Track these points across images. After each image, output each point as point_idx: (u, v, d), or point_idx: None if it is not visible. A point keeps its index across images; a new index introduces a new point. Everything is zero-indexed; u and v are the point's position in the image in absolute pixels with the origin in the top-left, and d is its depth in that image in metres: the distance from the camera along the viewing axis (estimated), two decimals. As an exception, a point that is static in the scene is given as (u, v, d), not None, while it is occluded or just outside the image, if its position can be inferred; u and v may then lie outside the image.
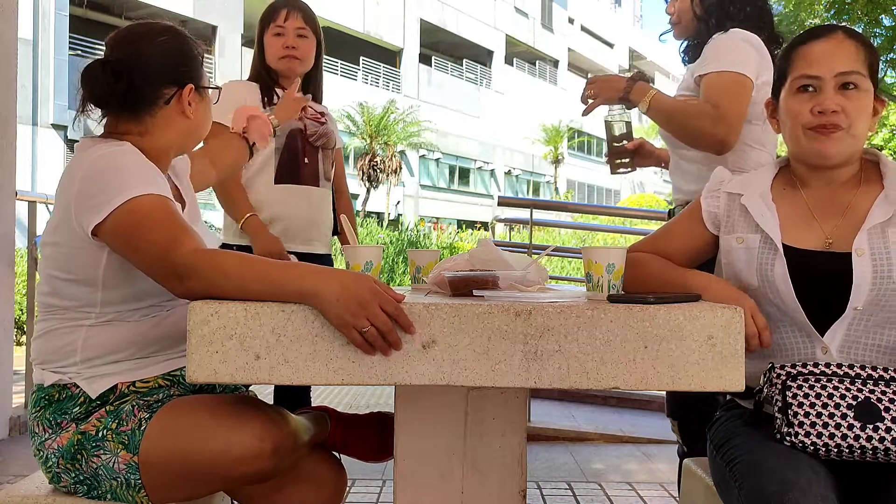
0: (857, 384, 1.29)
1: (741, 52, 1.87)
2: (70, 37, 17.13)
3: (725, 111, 1.82)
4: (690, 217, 1.56)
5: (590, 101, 2.01)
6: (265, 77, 2.37)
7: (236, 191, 2.27)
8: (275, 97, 2.34)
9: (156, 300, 1.39)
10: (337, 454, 1.58)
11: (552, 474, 3.15)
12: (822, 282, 1.37)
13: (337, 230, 2.54)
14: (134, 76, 1.40)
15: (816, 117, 1.38)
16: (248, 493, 1.43)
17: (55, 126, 16.82)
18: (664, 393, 2.22)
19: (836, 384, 1.29)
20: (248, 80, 2.41)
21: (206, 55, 1.56)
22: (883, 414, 1.25)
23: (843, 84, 1.38)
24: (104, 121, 1.45)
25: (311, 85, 2.48)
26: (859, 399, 1.27)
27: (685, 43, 2.13)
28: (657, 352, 1.12)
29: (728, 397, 1.59)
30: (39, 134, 16.47)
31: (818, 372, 1.31)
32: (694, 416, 2.02)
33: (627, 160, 2.15)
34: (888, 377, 1.30)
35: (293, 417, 1.42)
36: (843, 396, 1.28)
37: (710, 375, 1.12)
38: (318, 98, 2.51)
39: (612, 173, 2.19)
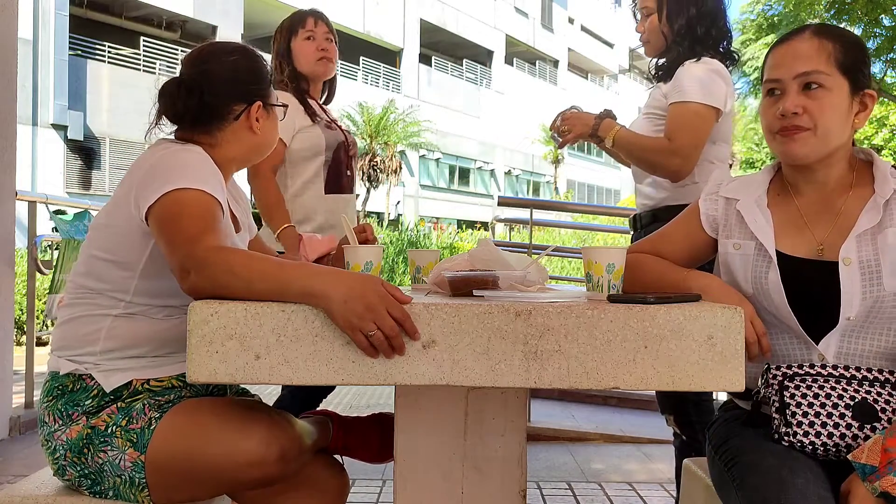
0: (853, 385, 1.29)
1: (711, 84, 2.00)
2: (70, 37, 17.12)
3: (680, 145, 1.99)
4: (688, 220, 1.56)
5: (564, 134, 2.17)
6: (297, 85, 2.45)
7: (276, 202, 2.33)
8: (309, 104, 2.43)
9: (183, 302, 1.39)
10: (339, 457, 1.58)
11: (552, 474, 3.15)
12: (815, 291, 1.36)
13: None
14: (205, 93, 1.48)
15: (780, 120, 1.38)
16: (251, 497, 1.43)
17: (55, 126, 16.81)
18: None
19: (833, 384, 1.29)
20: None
21: None
22: (880, 414, 1.25)
23: (805, 84, 1.37)
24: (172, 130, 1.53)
25: (329, 91, 2.60)
26: (856, 399, 1.27)
27: (655, 61, 2.21)
28: (657, 352, 1.12)
29: (727, 398, 1.59)
30: (39, 134, 16.46)
31: (814, 373, 1.31)
32: (691, 407, 2.05)
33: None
34: (883, 379, 1.30)
35: (298, 422, 1.43)
36: (840, 396, 1.27)
37: (710, 375, 1.12)
38: (329, 101, 2.61)
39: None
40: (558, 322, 1.12)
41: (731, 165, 2.26)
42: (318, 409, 1.83)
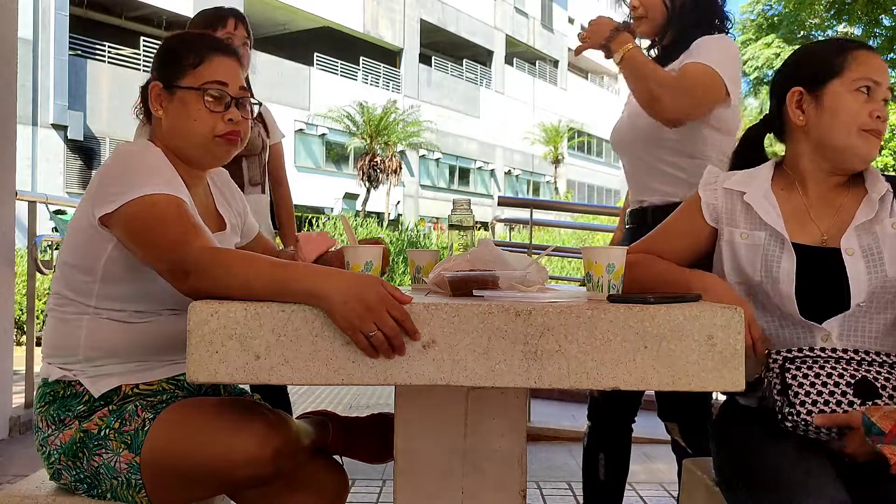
0: (852, 365, 1.34)
1: (728, 63, 1.87)
2: (70, 37, 17.11)
3: (692, 91, 1.82)
4: (688, 212, 1.57)
5: (584, 42, 1.96)
6: None
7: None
8: None
9: (152, 307, 1.39)
10: (339, 457, 1.58)
11: (552, 474, 3.15)
12: (823, 276, 1.42)
13: (276, 228, 2.73)
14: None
15: (874, 121, 1.43)
16: (250, 497, 1.43)
17: (55, 126, 16.80)
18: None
19: (833, 365, 1.34)
20: None
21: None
22: (880, 391, 1.29)
23: (888, 97, 1.45)
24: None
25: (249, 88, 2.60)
26: (857, 377, 1.31)
27: (650, 44, 2.08)
28: (657, 352, 1.12)
29: (726, 397, 1.59)
30: (39, 134, 16.45)
31: (814, 355, 1.36)
32: (691, 413, 2.02)
33: None
34: (880, 360, 1.35)
35: (294, 422, 1.42)
36: (840, 375, 1.32)
37: (710, 375, 1.12)
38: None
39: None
40: (558, 322, 1.12)
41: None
42: (317, 409, 1.82)
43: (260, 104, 1.56)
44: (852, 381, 1.30)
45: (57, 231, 4.03)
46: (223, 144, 1.45)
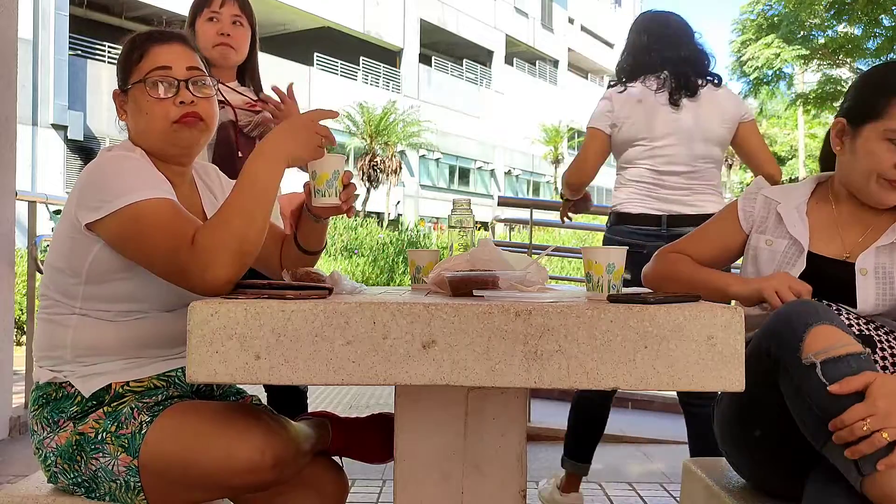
0: (862, 323, 1.41)
1: (598, 109, 2.50)
2: (70, 37, 17.14)
3: (580, 163, 2.54)
4: (726, 219, 1.67)
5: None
6: None
7: None
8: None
9: (139, 306, 1.38)
10: (339, 458, 1.58)
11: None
12: (833, 288, 1.47)
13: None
14: None
15: (894, 172, 1.44)
16: (249, 500, 1.42)
17: (55, 126, 16.82)
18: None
19: (847, 317, 1.42)
20: None
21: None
22: (877, 349, 1.37)
23: None
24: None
25: (247, 75, 2.40)
26: (863, 333, 1.39)
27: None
28: (657, 352, 1.12)
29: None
30: (39, 134, 16.46)
31: (836, 307, 1.44)
32: None
33: None
34: (891, 329, 1.42)
35: (294, 426, 1.41)
36: (849, 327, 1.37)
37: (710, 375, 1.12)
38: (256, 87, 2.42)
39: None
40: (558, 322, 1.12)
41: (730, 166, 2.33)
42: (316, 410, 1.81)
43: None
44: (856, 335, 1.35)
45: (57, 231, 4.03)
46: (183, 129, 1.41)
